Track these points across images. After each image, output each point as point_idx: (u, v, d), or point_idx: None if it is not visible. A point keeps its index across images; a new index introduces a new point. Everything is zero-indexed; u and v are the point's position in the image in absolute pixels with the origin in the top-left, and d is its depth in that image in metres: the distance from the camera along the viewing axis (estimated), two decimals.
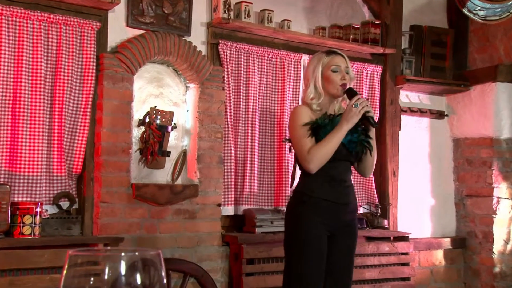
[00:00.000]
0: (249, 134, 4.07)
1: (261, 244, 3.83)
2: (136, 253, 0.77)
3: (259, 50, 4.15)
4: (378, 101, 4.69)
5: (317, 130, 2.77)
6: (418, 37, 4.96)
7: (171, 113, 3.82)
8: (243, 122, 4.08)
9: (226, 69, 3.99)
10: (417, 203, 4.99)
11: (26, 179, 3.31)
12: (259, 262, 3.84)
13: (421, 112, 5.07)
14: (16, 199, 3.26)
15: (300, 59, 4.29)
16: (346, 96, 2.83)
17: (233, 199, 4.01)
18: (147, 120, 3.71)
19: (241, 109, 4.06)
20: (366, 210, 4.62)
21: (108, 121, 3.52)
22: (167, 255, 3.65)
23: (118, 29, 3.67)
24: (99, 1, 3.48)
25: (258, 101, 4.13)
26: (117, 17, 3.66)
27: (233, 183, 4.00)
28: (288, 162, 4.16)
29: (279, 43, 4.29)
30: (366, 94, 4.65)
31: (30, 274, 3.12)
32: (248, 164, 4.05)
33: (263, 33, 4.18)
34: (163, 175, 3.83)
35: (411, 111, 5.00)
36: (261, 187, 4.15)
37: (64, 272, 0.75)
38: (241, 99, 4.06)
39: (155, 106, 3.77)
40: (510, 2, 4.30)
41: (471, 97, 5.06)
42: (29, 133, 3.32)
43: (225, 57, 4.00)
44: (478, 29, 5.07)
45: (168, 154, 3.81)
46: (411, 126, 5.01)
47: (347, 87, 2.83)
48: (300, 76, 4.27)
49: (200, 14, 3.98)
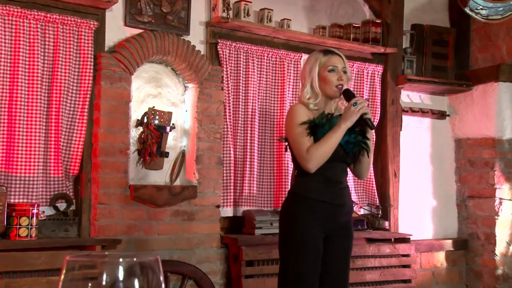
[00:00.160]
0: (249, 135, 4.08)
1: (261, 246, 3.83)
2: (134, 259, 0.77)
3: (259, 50, 4.16)
4: (379, 101, 4.69)
5: (315, 130, 2.76)
6: (420, 36, 4.97)
7: (170, 114, 3.82)
8: (243, 123, 4.08)
9: (225, 69, 4.00)
10: (419, 204, 4.99)
11: (23, 180, 3.31)
12: (259, 264, 3.84)
13: (423, 112, 5.07)
14: (13, 201, 3.26)
15: (300, 59, 4.30)
16: (344, 98, 2.83)
17: (232, 200, 4.02)
18: (145, 121, 3.71)
19: (241, 109, 4.07)
20: (367, 212, 4.62)
21: (106, 122, 3.53)
22: (166, 257, 3.65)
23: (116, 29, 3.67)
24: (97, 0, 3.48)
25: (258, 101, 4.14)
26: (115, 16, 3.67)
27: (232, 184, 4.01)
28: (288, 163, 4.16)
29: (279, 43, 4.29)
30: (367, 94, 4.65)
31: (27, 277, 3.12)
32: (248, 165, 4.06)
33: (263, 33, 4.18)
34: (162, 176, 3.83)
35: (413, 111, 5.00)
36: (261, 188, 4.15)
37: (62, 277, 0.75)
38: (241, 99, 4.06)
39: (153, 106, 3.77)
40: None
41: (473, 97, 5.07)
42: (26, 134, 3.32)
43: (224, 57, 4.00)
44: (480, 28, 5.08)
45: (167, 155, 3.81)
46: (413, 127, 5.01)
47: (344, 89, 2.83)
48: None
49: (199, 13, 3.98)
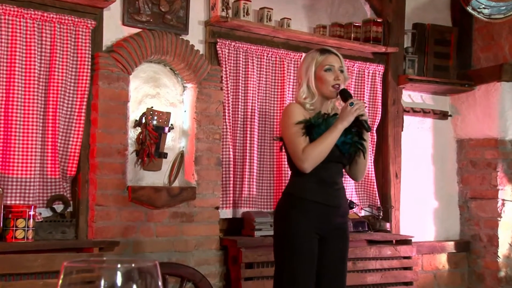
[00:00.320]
0: (248, 135, 4.08)
1: (260, 248, 3.83)
2: (133, 265, 0.78)
3: (258, 49, 4.16)
4: (380, 101, 4.70)
5: (311, 129, 2.75)
6: (421, 36, 4.97)
7: (168, 114, 3.83)
8: (242, 123, 4.08)
9: (225, 69, 4.00)
10: (420, 206, 5.00)
11: (19, 182, 3.31)
12: (258, 266, 3.84)
13: (424, 113, 5.07)
14: (9, 202, 3.26)
15: (300, 59, 4.29)
16: (341, 97, 2.81)
17: (232, 202, 4.02)
18: (144, 121, 3.72)
19: (240, 110, 4.07)
20: (368, 213, 4.63)
21: (103, 122, 3.53)
22: (164, 259, 3.65)
23: (114, 28, 3.67)
24: None
25: (257, 102, 4.14)
26: (113, 16, 3.67)
27: (232, 186, 4.01)
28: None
29: (279, 42, 4.29)
30: (368, 94, 4.66)
31: (23, 279, 3.12)
32: (247, 166, 4.06)
33: (262, 32, 4.18)
34: (160, 177, 3.83)
35: (414, 112, 5.01)
36: (260, 190, 4.15)
37: (60, 282, 0.76)
38: (240, 100, 4.06)
39: (152, 107, 3.77)
40: None
41: (476, 97, 5.07)
42: (22, 135, 3.33)
43: (223, 57, 4.00)
44: (483, 27, 5.08)
45: (165, 156, 3.81)
46: (414, 127, 5.02)
47: (341, 89, 2.81)
48: None
49: (198, 12, 3.98)
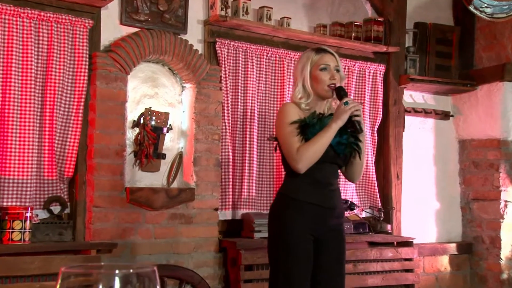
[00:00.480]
0: (248, 136, 4.08)
1: (260, 250, 3.82)
2: (131, 270, 0.78)
3: (258, 49, 4.16)
4: (381, 101, 4.70)
5: (305, 129, 2.75)
6: (423, 35, 4.97)
7: (167, 114, 3.83)
8: (241, 124, 4.08)
9: (224, 69, 4.00)
10: (422, 207, 5.00)
11: (16, 183, 3.30)
12: (258, 269, 3.84)
13: (426, 113, 5.08)
14: (5, 204, 3.26)
15: None
16: (336, 96, 2.79)
17: (231, 203, 4.02)
18: (142, 122, 3.72)
19: (239, 110, 4.07)
20: (369, 214, 4.63)
21: (101, 123, 3.53)
22: (162, 262, 3.65)
23: (112, 27, 3.67)
24: None
25: (257, 102, 4.14)
26: (111, 15, 3.67)
27: (231, 187, 4.01)
28: None
29: (279, 42, 4.30)
30: (369, 94, 4.66)
31: (20, 282, 3.12)
32: (246, 167, 4.06)
33: (262, 31, 4.18)
34: (158, 179, 3.83)
35: (415, 112, 5.01)
36: (260, 191, 4.15)
37: (57, 287, 0.76)
38: (239, 100, 4.06)
39: (150, 107, 3.77)
40: None
41: (478, 97, 5.07)
42: (19, 135, 3.32)
43: (223, 56, 4.00)
44: (485, 27, 5.08)
45: (164, 157, 3.81)
46: (415, 127, 5.02)
47: (337, 86, 2.79)
48: None
49: (197, 12, 3.98)
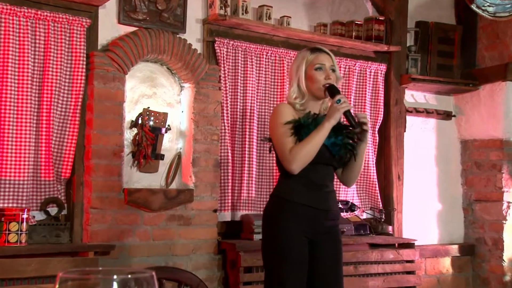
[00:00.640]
0: (247, 136, 4.07)
1: (260, 252, 3.81)
2: (129, 276, 0.79)
3: (257, 48, 4.16)
4: (382, 101, 4.69)
5: (299, 130, 2.73)
6: (424, 34, 4.97)
7: (165, 114, 3.83)
8: (241, 124, 4.08)
9: (223, 68, 4.00)
10: (423, 208, 5.00)
11: (12, 184, 3.30)
12: (257, 271, 3.84)
13: (427, 113, 5.07)
14: (2, 205, 3.26)
15: None
16: (328, 94, 2.76)
17: (230, 205, 4.02)
18: (140, 122, 3.72)
19: (239, 110, 4.07)
20: (370, 216, 4.63)
21: (99, 123, 3.52)
22: (161, 263, 3.65)
23: (109, 26, 3.67)
24: None
25: (256, 102, 4.14)
26: (108, 14, 3.67)
27: (230, 188, 4.01)
28: None
29: (278, 41, 4.29)
30: (370, 94, 4.65)
31: (16, 284, 3.12)
32: (246, 168, 4.06)
33: (262, 30, 4.18)
34: (157, 180, 3.83)
35: (417, 112, 5.00)
36: (260, 192, 4.15)
37: None
38: (239, 100, 4.06)
39: (148, 107, 3.77)
40: None
41: (480, 97, 5.07)
42: (15, 136, 3.32)
43: (222, 56, 4.00)
44: (487, 26, 5.08)
45: (162, 157, 3.81)
46: (417, 128, 5.02)
47: (329, 84, 2.76)
48: None
49: (196, 10, 3.98)
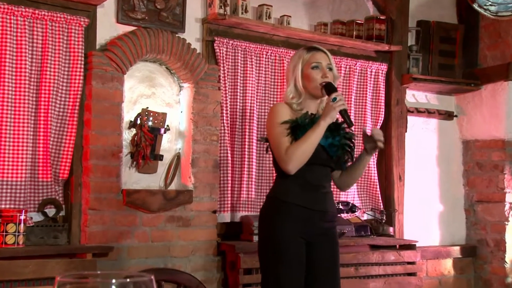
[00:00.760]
0: (247, 137, 4.07)
1: None
2: (128, 279, 0.79)
3: (257, 48, 4.15)
4: (383, 101, 4.69)
5: (296, 130, 2.73)
6: (426, 33, 4.97)
7: (164, 115, 3.82)
8: (240, 124, 4.08)
9: (222, 68, 3.99)
10: (425, 209, 4.99)
11: (10, 185, 3.30)
12: (257, 272, 3.83)
13: (429, 113, 5.07)
14: None
15: None
16: (325, 92, 2.75)
17: (230, 206, 4.02)
18: (139, 122, 3.71)
19: (238, 110, 4.06)
20: (371, 217, 4.62)
21: (97, 123, 3.52)
22: (160, 265, 3.65)
23: (108, 26, 3.67)
24: None
25: (256, 102, 4.13)
26: (107, 13, 3.66)
27: (230, 189, 4.00)
28: None
29: (278, 40, 4.29)
30: (371, 94, 4.65)
31: (14, 286, 3.11)
32: (245, 168, 4.05)
33: (261, 30, 4.18)
34: (156, 180, 3.83)
35: (418, 112, 5.00)
36: (259, 193, 4.14)
37: None
38: (238, 100, 4.06)
39: (147, 107, 3.77)
40: None
41: (482, 97, 5.06)
42: (13, 136, 3.32)
43: (221, 55, 4.00)
44: (490, 25, 5.07)
45: (161, 158, 3.81)
46: (418, 128, 5.01)
47: (326, 82, 2.75)
48: None
49: (195, 10, 3.98)
